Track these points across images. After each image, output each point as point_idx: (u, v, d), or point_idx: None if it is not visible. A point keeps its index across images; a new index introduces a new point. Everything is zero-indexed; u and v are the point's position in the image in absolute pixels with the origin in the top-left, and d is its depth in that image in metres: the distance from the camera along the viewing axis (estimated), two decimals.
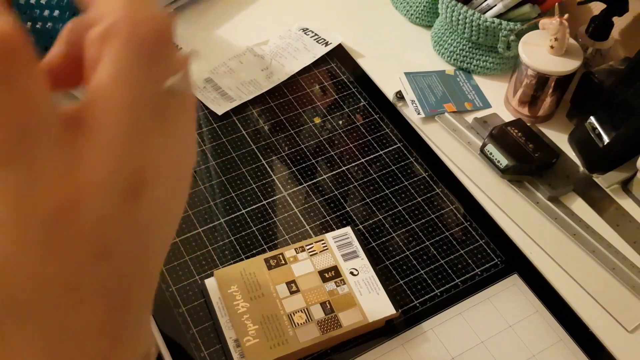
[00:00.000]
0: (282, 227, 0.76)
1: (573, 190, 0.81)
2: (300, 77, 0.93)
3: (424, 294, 0.71)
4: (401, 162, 0.84)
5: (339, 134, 0.87)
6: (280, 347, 0.63)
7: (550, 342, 0.67)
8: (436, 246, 0.75)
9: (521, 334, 0.68)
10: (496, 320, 0.69)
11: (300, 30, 0.99)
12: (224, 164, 0.82)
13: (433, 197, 0.80)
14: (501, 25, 0.85)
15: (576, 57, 0.81)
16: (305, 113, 0.89)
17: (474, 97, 0.91)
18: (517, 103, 0.87)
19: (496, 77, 0.94)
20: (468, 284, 0.72)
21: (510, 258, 0.74)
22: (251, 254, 0.73)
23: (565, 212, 0.78)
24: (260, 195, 0.79)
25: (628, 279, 0.72)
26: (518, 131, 0.81)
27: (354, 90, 0.92)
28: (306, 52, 0.95)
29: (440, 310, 0.70)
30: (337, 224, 0.76)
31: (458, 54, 0.93)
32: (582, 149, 0.83)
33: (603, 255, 0.74)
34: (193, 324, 0.68)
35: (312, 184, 0.80)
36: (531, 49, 0.82)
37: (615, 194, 0.81)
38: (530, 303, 0.70)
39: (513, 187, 0.80)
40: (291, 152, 0.84)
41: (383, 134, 0.87)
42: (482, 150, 0.82)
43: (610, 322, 0.69)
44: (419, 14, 1.00)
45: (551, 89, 0.83)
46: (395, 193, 0.80)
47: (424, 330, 0.68)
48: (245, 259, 0.73)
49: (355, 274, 0.69)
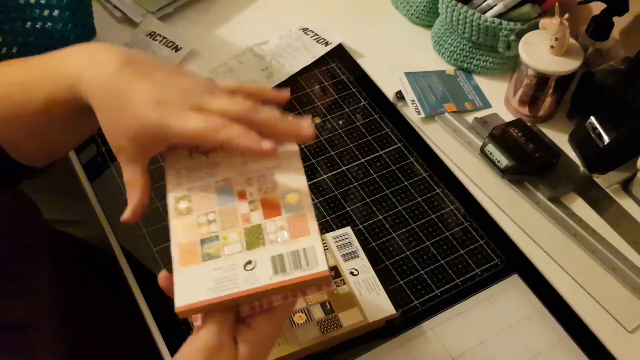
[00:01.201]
0: None
1: (573, 190, 0.81)
2: (300, 77, 0.93)
3: (424, 294, 0.71)
4: (401, 162, 0.83)
5: (339, 134, 0.86)
6: (281, 347, 0.63)
7: (551, 342, 0.67)
8: (436, 246, 0.75)
9: (521, 334, 0.68)
10: (496, 321, 0.69)
11: (300, 30, 0.99)
12: None
13: (433, 197, 0.80)
14: (501, 25, 0.85)
15: (576, 57, 0.81)
16: (305, 113, 0.89)
17: (474, 97, 0.91)
18: (518, 103, 0.87)
19: (496, 77, 0.94)
20: (468, 284, 0.72)
21: (511, 258, 0.74)
22: None
23: (566, 212, 0.78)
24: None
25: (628, 279, 0.72)
26: (518, 131, 0.81)
27: (354, 90, 0.92)
28: (306, 52, 0.95)
29: (440, 311, 0.70)
30: (337, 224, 0.76)
31: (458, 53, 0.93)
32: (582, 149, 0.83)
33: (603, 256, 0.74)
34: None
35: (312, 184, 0.80)
36: (531, 48, 0.82)
37: (615, 194, 0.81)
38: (531, 303, 0.70)
39: (513, 187, 0.80)
40: None
41: (383, 134, 0.87)
42: (482, 150, 0.82)
43: (610, 322, 0.69)
44: (419, 13, 1.00)
45: (551, 89, 0.83)
46: (395, 193, 0.80)
47: (424, 331, 0.68)
48: None
49: (355, 274, 0.69)
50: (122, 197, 0.77)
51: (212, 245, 0.51)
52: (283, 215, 0.52)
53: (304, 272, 0.49)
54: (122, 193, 0.78)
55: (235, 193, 0.53)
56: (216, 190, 0.53)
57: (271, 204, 0.53)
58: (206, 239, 0.51)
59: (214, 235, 0.51)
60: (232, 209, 0.53)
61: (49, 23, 0.88)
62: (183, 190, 0.53)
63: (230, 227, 0.52)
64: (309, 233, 0.51)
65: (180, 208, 0.53)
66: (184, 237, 0.51)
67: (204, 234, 0.52)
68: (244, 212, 0.52)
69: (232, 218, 0.52)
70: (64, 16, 0.89)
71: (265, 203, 0.53)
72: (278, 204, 0.53)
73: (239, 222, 0.52)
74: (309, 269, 0.49)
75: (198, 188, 0.53)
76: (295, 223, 0.52)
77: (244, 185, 0.54)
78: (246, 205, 0.53)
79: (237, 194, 0.53)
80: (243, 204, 0.53)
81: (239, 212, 0.53)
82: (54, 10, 0.88)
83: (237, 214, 0.52)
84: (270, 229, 0.51)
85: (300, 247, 0.50)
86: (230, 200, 0.53)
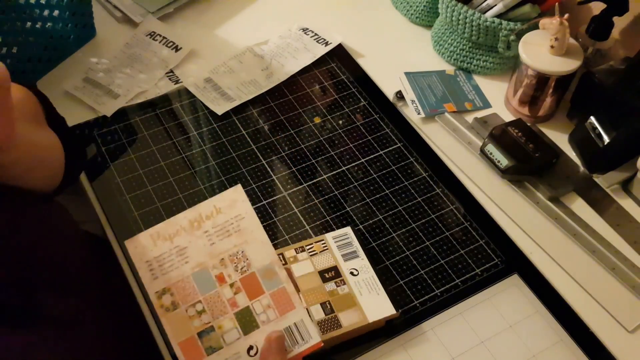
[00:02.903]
0: (282, 227, 0.76)
1: (573, 190, 0.81)
2: (300, 77, 0.93)
3: (424, 294, 0.71)
4: (401, 162, 0.83)
5: (339, 134, 0.86)
6: None
7: (551, 342, 0.67)
8: (436, 246, 0.75)
9: (521, 334, 0.68)
10: (496, 321, 0.69)
11: (300, 30, 0.99)
12: (224, 164, 0.82)
13: (433, 197, 0.80)
14: (501, 25, 0.85)
15: (576, 57, 0.81)
16: (305, 113, 0.89)
17: (474, 97, 0.91)
18: (518, 103, 0.87)
19: (496, 77, 0.94)
20: (468, 284, 0.72)
21: (511, 258, 0.74)
22: None
23: (566, 212, 0.78)
24: (260, 195, 0.79)
25: (628, 279, 0.72)
26: (518, 131, 0.81)
27: (354, 90, 0.92)
28: (306, 52, 0.95)
29: (440, 311, 0.70)
30: (337, 224, 0.76)
31: (458, 53, 0.93)
32: (582, 149, 0.83)
33: (603, 256, 0.74)
34: None
35: (312, 184, 0.80)
36: (531, 48, 0.82)
37: (615, 194, 0.81)
38: (531, 303, 0.70)
39: (513, 187, 0.80)
40: (291, 152, 0.84)
41: (383, 134, 0.87)
42: (482, 150, 0.82)
43: (610, 322, 0.69)
44: (419, 13, 1.00)
45: (551, 89, 0.83)
46: (395, 193, 0.80)
47: (424, 331, 0.68)
48: None
49: (355, 274, 0.69)
50: (122, 197, 0.77)
51: (210, 338, 0.55)
52: (266, 294, 0.56)
53: (302, 346, 0.56)
54: (122, 193, 0.78)
55: (214, 277, 0.56)
56: (194, 278, 0.56)
57: (251, 283, 0.56)
58: (203, 332, 0.55)
59: (209, 327, 0.55)
60: (216, 295, 0.56)
61: (49, 23, 0.88)
62: (161, 284, 0.55)
63: (221, 314, 0.55)
64: (294, 307, 0.56)
65: (166, 304, 0.55)
66: (181, 334, 0.54)
67: (198, 327, 0.55)
68: (229, 297, 0.55)
69: (220, 305, 0.55)
70: (64, 16, 0.89)
71: (246, 283, 0.56)
72: (258, 282, 0.56)
73: (227, 308, 0.55)
74: (305, 343, 0.56)
75: (175, 279, 0.56)
76: (278, 299, 0.56)
77: (219, 267, 0.56)
78: (228, 288, 0.56)
79: (216, 278, 0.56)
80: (225, 287, 0.56)
81: (224, 297, 0.56)
82: (54, 10, 0.88)
83: (223, 299, 0.56)
84: (258, 309, 0.55)
85: (290, 322, 0.56)
86: (211, 286, 0.56)
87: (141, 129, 0.85)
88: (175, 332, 0.54)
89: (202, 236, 0.56)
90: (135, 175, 0.80)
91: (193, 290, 0.55)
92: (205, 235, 0.56)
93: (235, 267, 0.56)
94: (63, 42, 0.91)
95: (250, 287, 0.56)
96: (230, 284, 0.56)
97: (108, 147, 0.83)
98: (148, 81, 0.90)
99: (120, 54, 0.94)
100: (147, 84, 0.90)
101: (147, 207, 0.77)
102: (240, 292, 0.56)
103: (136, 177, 0.80)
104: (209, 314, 0.55)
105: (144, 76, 0.91)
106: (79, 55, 0.94)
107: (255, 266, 0.56)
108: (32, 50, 0.87)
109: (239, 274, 0.56)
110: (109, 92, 0.88)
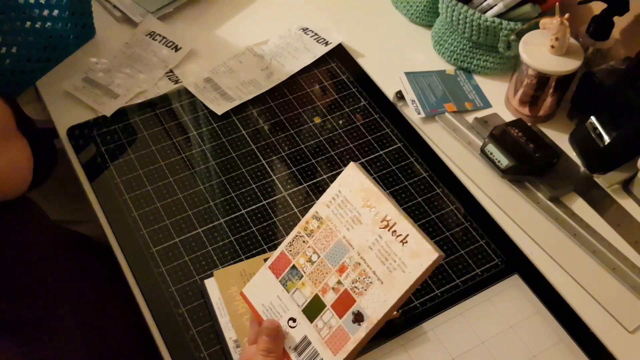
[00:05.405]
0: (282, 227, 0.76)
1: (574, 190, 0.81)
2: (300, 77, 0.93)
3: (424, 294, 0.71)
4: (401, 162, 0.83)
5: (339, 133, 0.86)
6: None
7: (551, 342, 0.67)
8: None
9: (521, 334, 0.68)
10: (496, 321, 0.69)
11: (300, 30, 0.99)
12: (224, 164, 0.82)
13: (433, 197, 0.80)
14: (502, 24, 0.85)
15: (577, 56, 0.81)
16: (305, 113, 0.89)
17: (474, 97, 0.91)
18: (518, 103, 0.87)
19: (497, 77, 0.94)
20: (468, 284, 0.72)
21: (511, 258, 0.74)
22: (251, 254, 0.73)
23: (566, 212, 0.78)
24: (260, 196, 0.79)
25: (629, 279, 0.72)
26: (519, 131, 0.81)
27: (354, 90, 0.92)
28: (306, 52, 0.95)
29: (440, 311, 0.69)
30: None
31: (458, 53, 0.93)
32: (582, 149, 0.83)
33: (604, 256, 0.74)
34: (193, 324, 0.67)
35: (312, 184, 0.80)
36: (532, 48, 0.82)
37: (616, 194, 0.80)
38: (531, 303, 0.70)
39: (513, 187, 0.80)
40: (291, 152, 0.84)
41: (383, 134, 0.87)
42: (482, 150, 0.82)
43: (610, 322, 0.69)
44: (419, 13, 1.00)
45: (552, 89, 0.83)
46: (395, 193, 0.80)
47: (425, 331, 0.68)
48: (245, 259, 0.72)
49: None
50: (122, 197, 0.77)
51: (293, 279, 0.56)
52: (343, 328, 0.55)
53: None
54: (121, 193, 0.78)
55: (343, 262, 0.55)
56: (336, 243, 0.55)
57: (344, 304, 0.54)
58: (295, 269, 0.56)
59: (301, 273, 0.56)
60: (328, 269, 0.55)
61: (49, 23, 0.88)
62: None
63: (313, 281, 0.56)
64: (339, 350, 0.55)
65: (312, 227, 0.57)
66: (287, 251, 0.57)
67: (300, 263, 0.56)
68: (331, 284, 0.55)
69: (320, 277, 0.55)
70: (64, 16, 0.89)
71: (342, 298, 0.55)
72: (348, 309, 0.54)
73: (319, 284, 0.55)
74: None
75: (330, 229, 0.56)
76: (335, 338, 0.55)
77: (354, 259, 0.55)
78: (336, 279, 0.55)
79: (344, 264, 0.55)
80: (337, 276, 0.55)
81: (329, 279, 0.55)
82: (54, 10, 0.88)
83: (327, 278, 0.55)
84: (327, 316, 0.55)
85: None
86: (335, 262, 0.55)
87: (141, 129, 0.85)
88: (287, 243, 0.57)
89: (375, 234, 0.53)
90: (134, 175, 0.80)
91: (326, 246, 0.56)
92: (376, 237, 0.53)
93: (353, 280, 0.54)
94: (63, 42, 0.91)
95: (340, 304, 0.54)
96: (339, 281, 0.54)
97: (108, 147, 0.83)
98: (148, 81, 0.90)
99: (119, 53, 0.94)
100: (146, 83, 0.90)
101: (147, 207, 0.76)
102: (337, 293, 0.54)
103: (136, 177, 0.80)
104: (312, 269, 0.56)
105: (144, 76, 0.91)
106: (79, 55, 0.94)
107: (360, 304, 0.54)
108: (32, 50, 0.87)
109: (349, 285, 0.54)
110: (109, 92, 0.88)
